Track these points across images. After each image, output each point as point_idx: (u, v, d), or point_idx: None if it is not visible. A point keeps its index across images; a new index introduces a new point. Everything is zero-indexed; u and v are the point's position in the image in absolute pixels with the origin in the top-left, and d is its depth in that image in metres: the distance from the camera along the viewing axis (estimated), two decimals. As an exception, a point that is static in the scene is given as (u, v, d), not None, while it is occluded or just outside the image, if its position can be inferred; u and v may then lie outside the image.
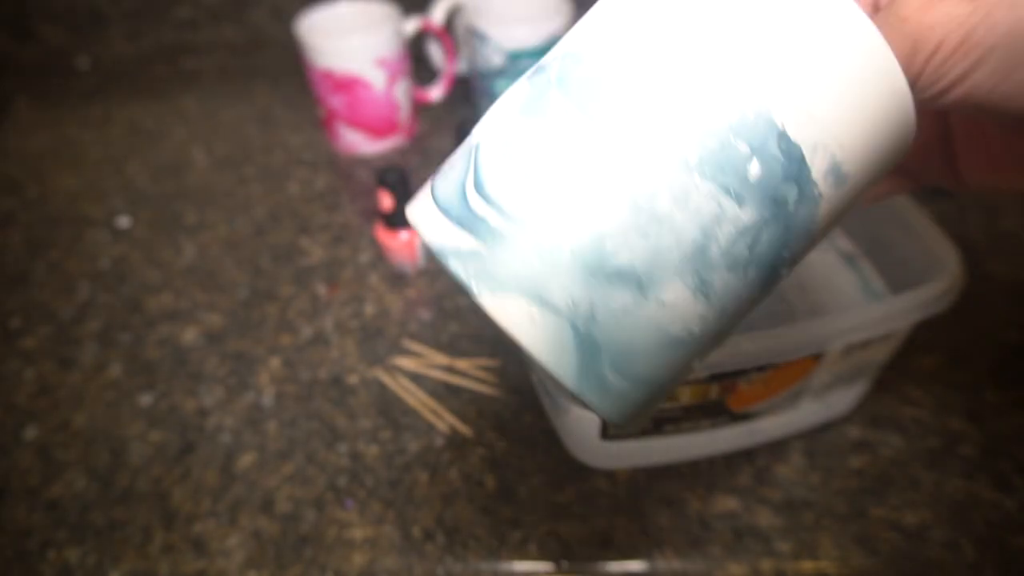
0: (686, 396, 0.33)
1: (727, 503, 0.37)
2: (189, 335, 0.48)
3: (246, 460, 0.40)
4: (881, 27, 0.17)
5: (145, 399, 0.44)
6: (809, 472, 0.38)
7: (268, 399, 0.44)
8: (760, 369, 0.32)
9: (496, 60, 0.58)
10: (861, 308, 0.32)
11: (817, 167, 0.18)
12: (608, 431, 0.35)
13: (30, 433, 0.43)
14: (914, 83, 0.18)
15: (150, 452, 0.41)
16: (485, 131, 0.20)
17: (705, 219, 0.17)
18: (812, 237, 0.19)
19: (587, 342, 0.18)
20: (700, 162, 0.17)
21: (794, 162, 0.17)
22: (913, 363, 0.43)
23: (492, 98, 0.61)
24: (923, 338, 0.44)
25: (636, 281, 0.17)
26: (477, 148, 0.19)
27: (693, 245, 0.17)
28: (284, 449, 0.41)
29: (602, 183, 0.17)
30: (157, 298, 0.51)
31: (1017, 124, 0.19)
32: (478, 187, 0.19)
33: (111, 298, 0.51)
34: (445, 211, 0.19)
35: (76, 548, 0.37)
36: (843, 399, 0.39)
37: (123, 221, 0.59)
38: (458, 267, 0.19)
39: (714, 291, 0.18)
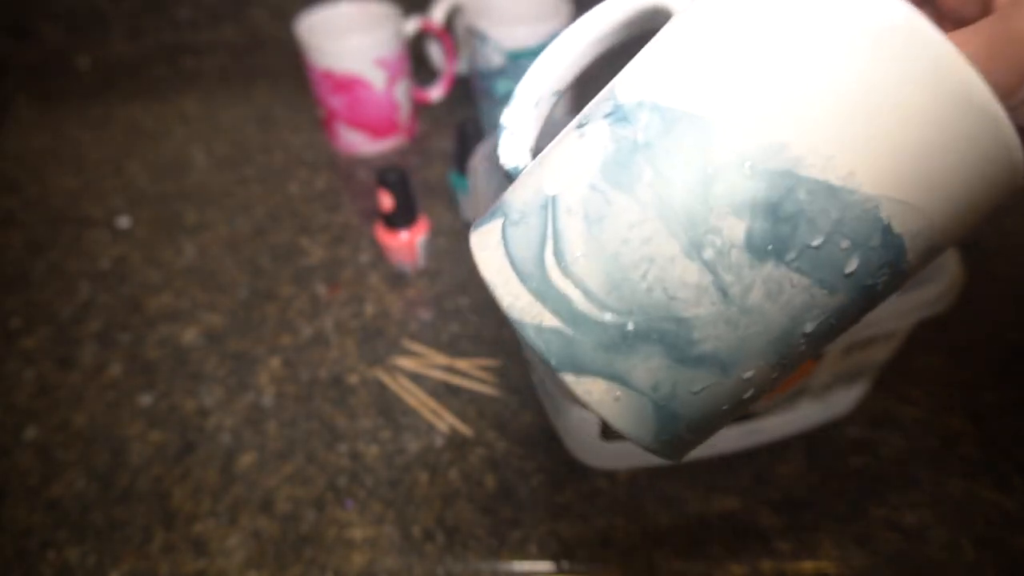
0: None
1: (727, 503, 0.37)
2: (189, 335, 0.48)
3: (246, 460, 0.40)
4: (986, 39, 0.15)
5: (145, 399, 0.44)
6: (809, 472, 0.38)
7: (268, 399, 0.44)
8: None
9: (496, 60, 0.58)
10: (861, 308, 0.32)
11: (914, 251, 0.17)
12: (608, 432, 0.35)
13: (30, 433, 0.43)
14: (1015, 106, 0.16)
15: (150, 452, 0.41)
16: (565, 191, 0.18)
17: (796, 309, 0.17)
18: (887, 297, 0.19)
19: (667, 415, 0.18)
20: (799, 256, 0.16)
21: (892, 251, 0.17)
22: (913, 363, 0.43)
23: (492, 98, 0.61)
24: (923, 338, 0.44)
25: (720, 366, 0.17)
26: (555, 209, 0.18)
27: (781, 331, 0.17)
28: (284, 449, 0.41)
29: (692, 270, 0.17)
30: (157, 298, 0.51)
31: None
32: (559, 260, 0.18)
33: (111, 298, 0.51)
34: (523, 279, 0.18)
35: (76, 548, 0.37)
36: (843, 399, 0.39)
37: (123, 221, 0.59)
38: (539, 343, 0.18)
39: (792, 362, 0.18)
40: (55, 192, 0.62)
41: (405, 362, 0.45)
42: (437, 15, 0.63)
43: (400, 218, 0.48)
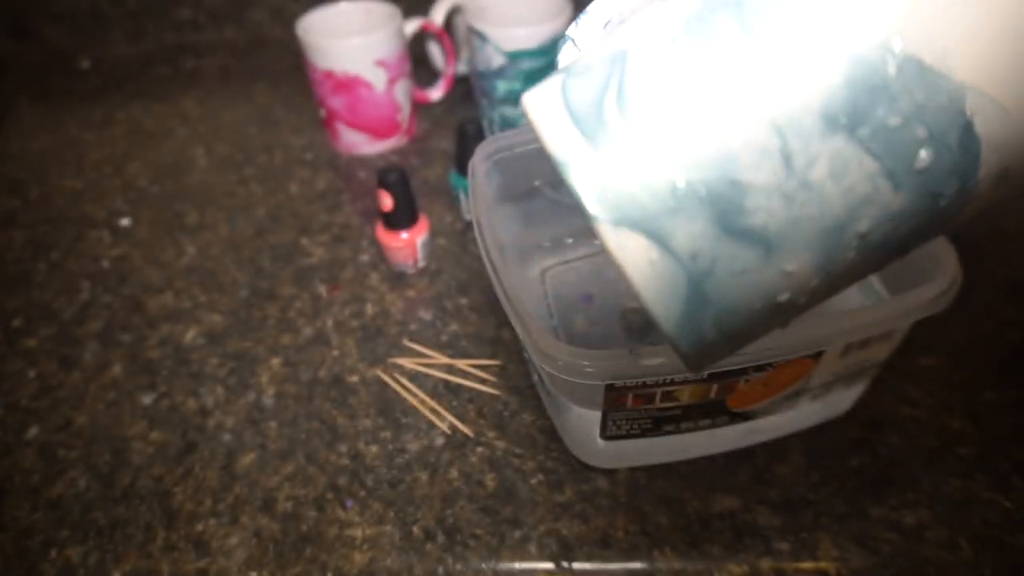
0: (686, 396, 0.33)
1: (727, 503, 0.37)
2: (190, 335, 0.48)
3: (247, 460, 0.40)
4: None
5: (146, 399, 0.44)
6: (809, 472, 0.38)
7: (269, 399, 0.44)
8: (760, 369, 0.33)
9: (496, 60, 0.58)
10: (861, 308, 0.32)
11: (987, 167, 0.16)
12: (608, 430, 0.35)
13: (32, 432, 0.43)
14: None
15: (151, 452, 0.41)
16: (640, 42, 0.17)
17: (855, 199, 0.16)
18: (949, 229, 0.18)
19: (698, 295, 0.17)
20: (872, 136, 0.15)
21: (968, 157, 0.16)
22: (913, 363, 0.43)
23: (492, 98, 0.61)
24: (923, 338, 0.44)
25: (765, 245, 0.16)
26: (625, 59, 0.17)
27: (835, 222, 0.16)
28: (285, 449, 0.41)
29: (760, 131, 0.16)
30: (158, 298, 0.51)
31: None
32: (621, 103, 0.17)
33: (112, 298, 0.52)
34: (577, 120, 0.17)
35: (78, 547, 0.37)
36: (843, 399, 0.39)
37: (124, 221, 0.59)
38: (582, 184, 0.17)
39: (836, 269, 0.17)
40: (56, 192, 0.62)
41: (405, 362, 0.45)
42: (437, 15, 0.63)
43: (400, 218, 0.48)
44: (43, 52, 0.82)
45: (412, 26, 0.62)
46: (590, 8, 0.22)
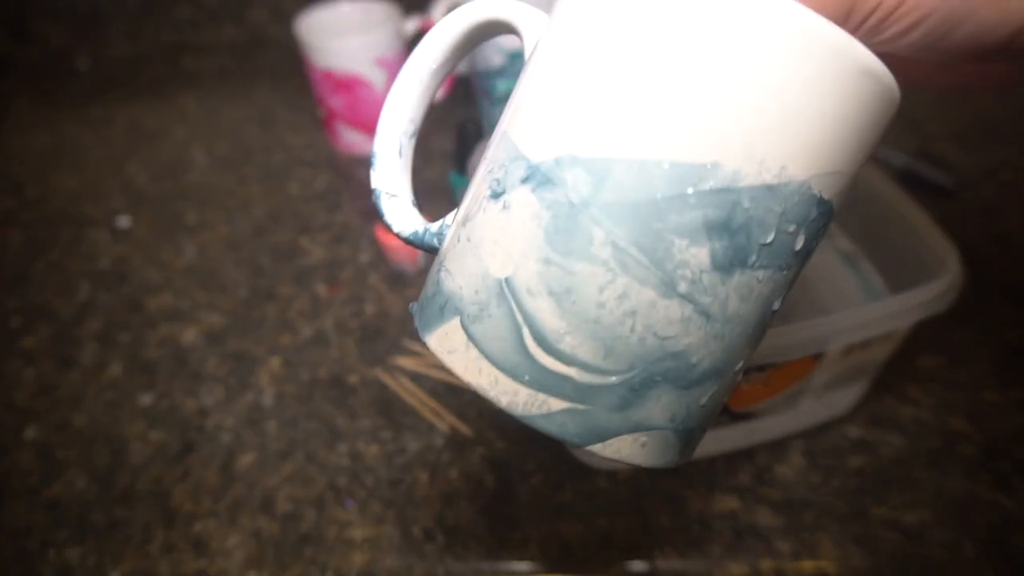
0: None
1: (727, 503, 0.37)
2: (189, 335, 0.48)
3: (246, 460, 0.40)
4: None
5: (145, 399, 0.44)
6: (809, 472, 0.38)
7: (268, 399, 0.44)
8: (760, 369, 0.32)
9: (496, 60, 0.58)
10: (861, 308, 0.32)
11: (839, 202, 0.18)
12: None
13: (30, 433, 0.43)
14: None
15: (150, 452, 0.41)
16: (516, 271, 0.18)
17: (765, 299, 0.18)
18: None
19: (686, 434, 0.19)
20: (758, 257, 0.17)
21: (825, 214, 0.18)
22: (913, 363, 0.43)
23: (492, 98, 0.61)
24: (923, 338, 0.44)
25: (718, 374, 0.19)
26: (514, 293, 0.18)
27: (757, 320, 0.19)
28: (284, 449, 0.41)
29: (674, 310, 0.17)
30: (157, 298, 0.51)
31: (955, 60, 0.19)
32: (543, 344, 0.18)
33: (111, 298, 0.51)
34: (512, 374, 0.18)
35: (76, 548, 0.37)
36: (843, 399, 0.39)
37: (123, 221, 0.59)
38: (554, 429, 0.18)
39: (765, 333, 0.20)
40: (55, 192, 0.62)
41: (405, 362, 0.45)
42: (437, 15, 0.63)
43: (400, 218, 0.48)
44: (42, 51, 0.82)
45: (412, 25, 0.62)
46: (376, 150, 0.24)
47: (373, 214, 0.57)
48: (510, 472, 0.39)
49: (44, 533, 0.37)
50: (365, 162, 0.63)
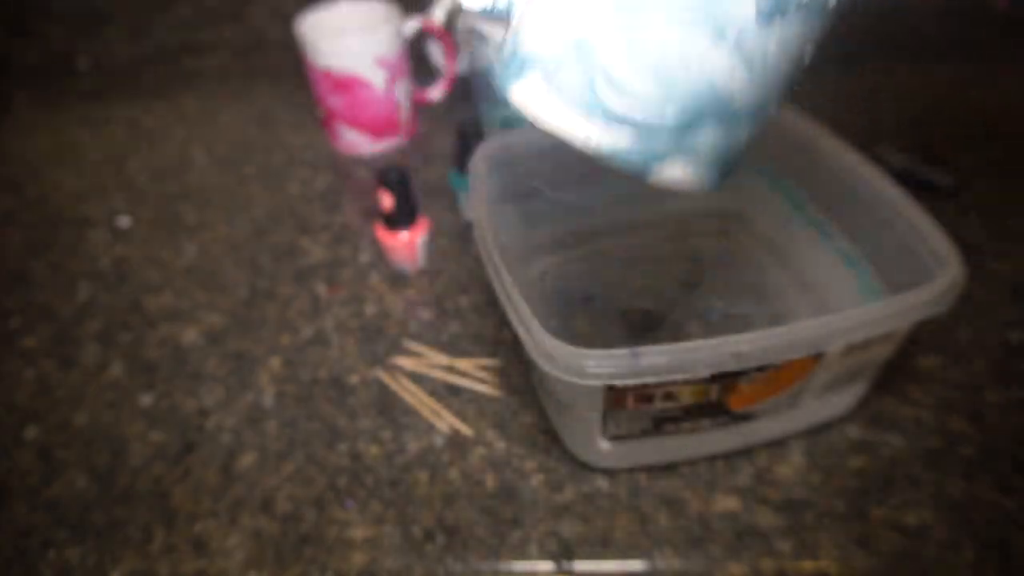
0: (686, 396, 0.33)
1: (727, 503, 0.37)
2: (189, 335, 0.48)
3: (246, 460, 0.40)
4: None
5: (145, 399, 0.44)
6: (809, 472, 0.38)
7: (268, 399, 0.44)
8: (760, 369, 0.32)
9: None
10: (861, 308, 0.32)
11: None
12: (608, 431, 0.35)
13: (30, 433, 0.43)
14: None
15: (150, 452, 0.41)
16: (591, 27, 0.22)
17: (801, 49, 0.22)
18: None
19: (725, 161, 0.24)
20: (796, 8, 0.21)
21: None
22: (913, 363, 0.43)
23: (492, 98, 0.61)
24: (923, 338, 0.44)
25: (757, 111, 0.23)
26: (590, 46, 0.22)
27: (793, 67, 0.23)
28: (284, 449, 0.41)
29: (723, 58, 0.21)
30: (157, 298, 0.51)
31: None
32: (613, 87, 0.22)
33: (111, 298, 0.51)
34: (588, 114, 0.23)
35: (76, 548, 0.37)
36: (843, 399, 0.39)
37: (123, 221, 0.59)
38: (623, 156, 0.23)
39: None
40: (55, 192, 0.62)
41: (405, 362, 0.45)
42: (437, 15, 0.63)
43: (400, 218, 0.48)
44: (42, 52, 0.82)
45: (412, 26, 0.62)
46: None
47: (373, 214, 0.57)
48: (510, 472, 0.39)
49: (44, 533, 0.37)
50: (365, 162, 0.63)
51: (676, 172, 0.24)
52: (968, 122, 0.62)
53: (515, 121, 0.62)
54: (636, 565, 0.35)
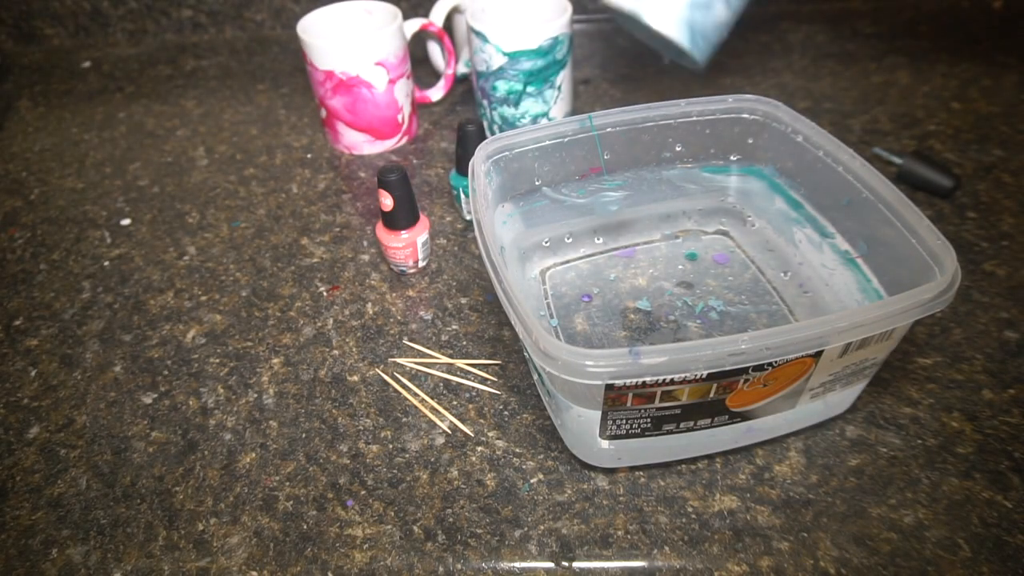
0: (686, 395, 0.34)
1: (726, 502, 0.37)
2: (191, 335, 0.48)
3: (248, 459, 0.41)
4: None
5: (147, 398, 0.44)
6: (808, 471, 0.38)
7: (269, 398, 0.44)
8: (759, 368, 0.33)
9: (496, 60, 0.58)
10: (861, 308, 0.32)
11: None
12: (608, 430, 0.35)
13: (33, 432, 0.43)
14: None
15: (152, 451, 0.41)
16: None
17: None
18: None
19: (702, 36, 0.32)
20: None
21: None
22: (912, 363, 0.43)
23: (492, 98, 0.61)
24: (921, 338, 0.44)
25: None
26: None
27: None
28: (285, 448, 0.41)
29: None
30: (159, 298, 0.51)
31: None
32: None
33: (113, 298, 0.52)
34: None
35: (79, 546, 0.37)
36: (842, 398, 0.39)
37: (125, 221, 0.59)
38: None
39: None
40: (58, 192, 0.63)
41: (405, 362, 0.45)
42: (437, 15, 0.63)
43: (400, 218, 0.48)
44: (44, 52, 0.82)
45: (412, 26, 0.62)
46: None
47: (373, 214, 0.57)
48: (510, 472, 0.39)
49: (47, 532, 0.38)
50: (365, 162, 0.63)
51: (672, 30, 0.30)
52: (967, 122, 0.62)
53: (515, 121, 0.62)
54: (636, 565, 0.35)
